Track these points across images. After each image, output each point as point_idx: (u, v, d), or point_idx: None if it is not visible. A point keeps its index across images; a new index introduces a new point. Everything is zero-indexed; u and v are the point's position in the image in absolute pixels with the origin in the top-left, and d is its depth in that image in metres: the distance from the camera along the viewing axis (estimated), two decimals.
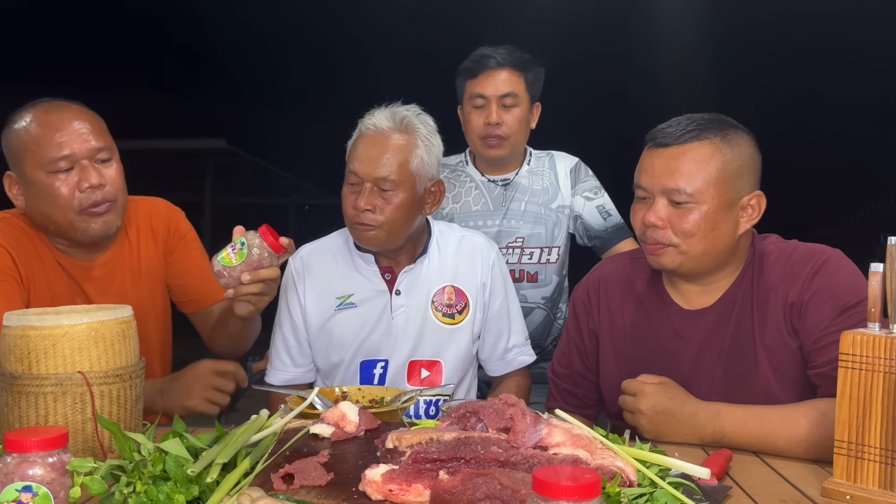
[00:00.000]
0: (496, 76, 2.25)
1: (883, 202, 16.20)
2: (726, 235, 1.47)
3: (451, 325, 1.84)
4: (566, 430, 1.08)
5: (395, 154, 1.71)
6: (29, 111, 1.70)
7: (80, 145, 1.66)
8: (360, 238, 1.78)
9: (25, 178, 1.68)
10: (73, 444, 1.27)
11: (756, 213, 1.49)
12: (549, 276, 2.38)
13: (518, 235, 2.35)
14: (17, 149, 1.68)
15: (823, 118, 15.80)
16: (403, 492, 0.95)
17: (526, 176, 2.39)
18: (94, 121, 1.72)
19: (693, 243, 1.47)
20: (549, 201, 2.37)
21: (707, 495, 1.05)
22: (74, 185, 1.66)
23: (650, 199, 1.50)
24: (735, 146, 1.47)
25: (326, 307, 1.84)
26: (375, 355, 1.82)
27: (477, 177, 2.40)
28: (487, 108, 2.26)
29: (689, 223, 1.45)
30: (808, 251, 1.50)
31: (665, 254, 1.50)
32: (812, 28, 13.75)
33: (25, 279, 1.69)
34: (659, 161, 1.48)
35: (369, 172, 1.71)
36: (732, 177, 1.46)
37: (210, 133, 12.84)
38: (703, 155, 1.45)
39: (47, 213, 1.69)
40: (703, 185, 1.44)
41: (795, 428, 1.34)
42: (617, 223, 2.42)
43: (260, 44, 16.88)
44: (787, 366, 1.46)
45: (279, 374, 1.89)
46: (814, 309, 1.44)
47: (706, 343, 1.54)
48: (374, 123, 1.74)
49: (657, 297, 1.62)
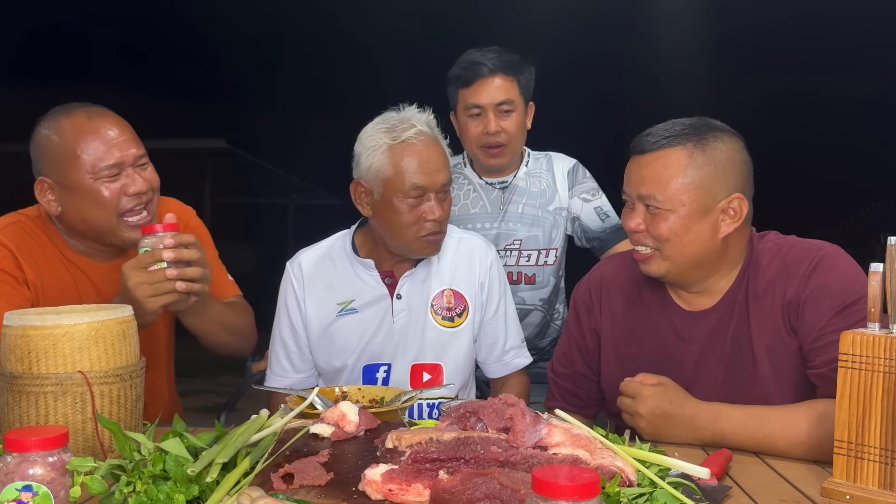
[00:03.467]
0: (490, 84, 2.23)
1: (883, 202, 16.19)
2: (704, 240, 1.48)
3: (451, 329, 1.84)
4: (566, 430, 1.08)
5: (445, 159, 1.76)
6: (65, 118, 1.69)
7: (126, 153, 1.70)
8: (431, 250, 1.78)
9: (68, 185, 1.68)
10: (74, 444, 1.27)
11: (738, 215, 1.48)
12: (546, 278, 2.39)
13: (516, 238, 2.35)
14: (58, 157, 1.68)
15: (824, 118, 15.81)
16: (403, 491, 0.95)
17: (524, 178, 2.39)
18: (129, 127, 1.76)
19: (671, 248, 1.48)
20: (546, 203, 2.37)
21: (707, 495, 1.05)
22: (119, 189, 1.69)
23: (631, 205, 1.53)
24: (711, 150, 1.47)
25: (328, 313, 1.83)
26: (378, 359, 1.82)
27: (475, 180, 2.40)
28: (485, 116, 2.25)
29: (663, 229, 1.47)
30: (805, 248, 1.50)
31: (651, 261, 1.52)
32: (812, 30, 13.76)
33: (32, 282, 1.70)
34: (635, 168, 1.52)
35: (437, 182, 1.72)
36: (706, 182, 1.46)
37: (210, 133, 12.84)
38: (674, 161, 1.47)
39: (90, 219, 1.70)
40: (673, 191, 1.46)
41: (795, 429, 1.34)
42: (615, 224, 2.41)
43: (260, 44, 16.88)
44: (786, 365, 1.46)
45: (279, 379, 1.88)
46: (811, 308, 1.43)
47: (708, 345, 1.54)
48: (419, 132, 1.72)
49: (658, 298, 1.62)
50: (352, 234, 1.89)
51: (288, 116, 18.41)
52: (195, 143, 12.91)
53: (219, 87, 17.98)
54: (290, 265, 1.88)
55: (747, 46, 14.92)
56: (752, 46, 14.88)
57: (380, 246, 1.83)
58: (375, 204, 1.75)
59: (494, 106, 2.24)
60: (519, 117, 2.28)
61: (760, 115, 6.46)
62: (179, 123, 14.48)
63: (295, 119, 18.21)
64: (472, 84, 2.24)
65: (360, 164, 1.75)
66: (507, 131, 2.25)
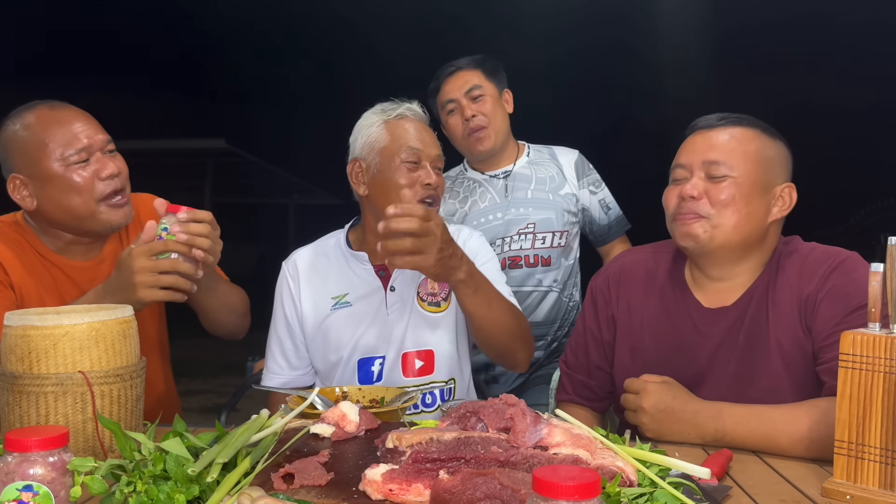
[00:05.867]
0: (458, 78, 2.43)
1: (883, 202, 16.20)
2: (758, 217, 1.50)
3: (436, 314, 1.84)
4: (566, 429, 1.08)
5: (436, 140, 1.84)
6: (29, 112, 1.71)
7: (94, 138, 1.72)
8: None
9: (40, 176, 1.69)
10: (74, 444, 1.27)
11: (787, 203, 1.53)
12: (560, 260, 2.48)
13: (529, 221, 2.44)
14: (27, 148, 1.69)
15: (824, 118, 15.81)
16: (403, 491, 0.95)
17: (526, 167, 2.51)
18: (93, 118, 1.77)
19: (727, 215, 1.49)
20: (556, 188, 2.48)
21: (707, 495, 1.05)
22: (93, 174, 1.71)
23: (687, 178, 1.54)
24: (774, 139, 1.54)
25: (322, 307, 1.84)
26: (373, 352, 1.82)
27: (478, 177, 2.52)
28: (459, 107, 2.42)
29: (725, 194, 1.49)
30: (827, 251, 1.53)
31: (697, 223, 1.51)
32: (811, 31, 13.77)
33: (15, 285, 1.70)
34: (700, 139, 1.55)
35: (430, 152, 1.79)
36: (770, 161, 1.51)
37: (210, 133, 12.86)
38: (744, 136, 1.52)
39: (68, 206, 1.70)
40: (741, 160, 1.49)
41: (797, 426, 1.34)
42: (617, 216, 2.56)
43: (260, 43, 16.89)
44: (798, 363, 1.47)
45: (275, 377, 1.89)
46: (826, 306, 1.45)
47: (724, 341, 1.54)
48: (410, 109, 1.82)
49: (678, 292, 1.62)
50: (346, 230, 1.93)
51: (288, 116, 18.42)
52: (195, 143, 12.94)
53: (219, 87, 17.99)
54: (285, 264, 1.90)
55: (746, 47, 14.94)
56: (754, 47, 14.90)
57: (372, 238, 1.83)
58: (372, 179, 1.79)
59: (464, 94, 2.41)
60: (492, 100, 2.43)
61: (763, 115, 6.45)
62: (179, 123, 14.50)
63: (296, 119, 18.23)
64: (442, 86, 2.46)
65: (356, 144, 1.82)
66: (484, 113, 2.41)
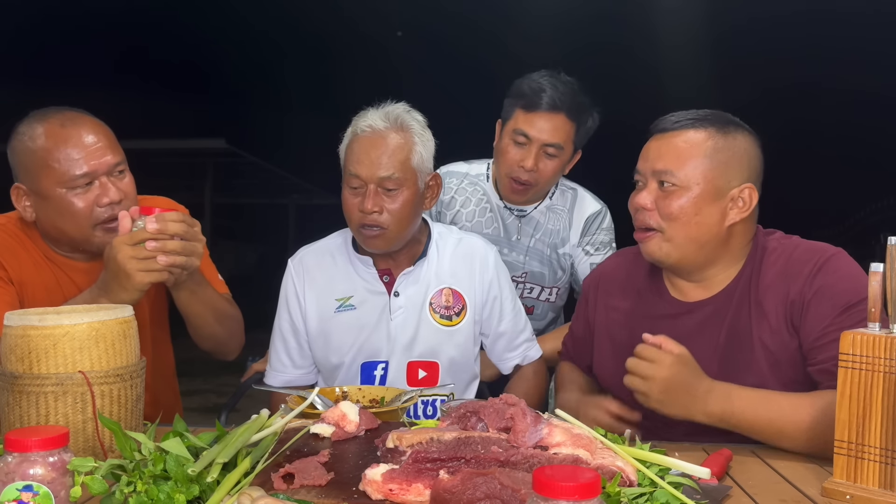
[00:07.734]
0: (549, 120, 2.12)
1: (883, 202, 16.18)
2: (712, 224, 1.49)
3: (448, 327, 1.84)
4: (566, 429, 1.08)
5: (395, 153, 1.71)
6: (40, 124, 1.67)
7: (99, 162, 1.67)
8: (368, 243, 1.76)
9: (40, 193, 1.67)
10: (74, 444, 1.27)
11: (746, 205, 1.50)
12: (545, 312, 2.40)
13: (523, 270, 2.33)
14: (30, 164, 1.67)
15: (823, 118, 15.80)
16: (403, 491, 0.95)
17: (543, 212, 2.32)
18: (107, 133, 1.72)
19: (677, 228, 1.49)
20: (557, 245, 2.33)
21: (707, 495, 1.05)
22: (93, 200, 1.67)
23: (643, 184, 1.54)
24: (731, 138, 1.50)
25: (326, 308, 1.83)
26: (376, 357, 1.82)
27: (494, 200, 2.32)
28: (528, 149, 2.14)
29: (673, 206, 1.48)
30: (810, 249, 1.51)
31: (651, 240, 1.53)
32: (810, 26, 13.76)
33: (17, 282, 1.69)
34: (654, 145, 1.54)
35: (373, 174, 1.70)
36: (722, 166, 1.48)
37: (210, 133, 12.84)
38: (695, 141, 1.49)
39: (62, 228, 1.69)
40: (690, 170, 1.48)
41: (802, 414, 1.34)
42: None
43: (260, 43, 16.88)
44: (783, 363, 1.46)
45: (278, 375, 1.89)
46: (815, 308, 1.44)
47: (701, 336, 1.53)
48: (370, 125, 1.72)
49: (654, 287, 1.65)
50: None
51: (288, 116, 18.40)
52: (195, 143, 12.92)
53: (219, 87, 17.99)
54: (291, 261, 1.89)
55: (746, 43, 14.92)
56: (754, 42, 14.88)
57: None
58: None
59: (542, 144, 2.13)
60: (560, 164, 2.19)
61: (762, 115, 6.49)
62: (179, 123, 14.49)
63: (295, 119, 18.21)
64: (531, 111, 2.13)
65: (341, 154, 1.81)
66: (541, 173, 2.16)
